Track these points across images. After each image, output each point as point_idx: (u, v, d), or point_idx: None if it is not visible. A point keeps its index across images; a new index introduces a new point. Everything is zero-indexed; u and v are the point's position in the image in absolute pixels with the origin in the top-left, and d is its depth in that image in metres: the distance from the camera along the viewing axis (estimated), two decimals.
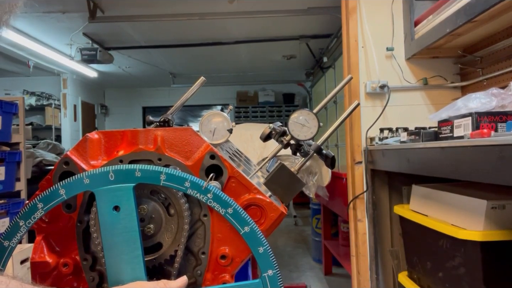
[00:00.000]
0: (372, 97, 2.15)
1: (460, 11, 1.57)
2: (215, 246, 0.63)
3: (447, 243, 1.27)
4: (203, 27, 4.52)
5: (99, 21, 3.92)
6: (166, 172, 0.57)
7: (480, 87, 1.94)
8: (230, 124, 0.79)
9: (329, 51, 4.66)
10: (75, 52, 5.16)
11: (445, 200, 1.32)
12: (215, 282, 0.63)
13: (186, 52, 5.52)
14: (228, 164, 0.64)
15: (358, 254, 2.10)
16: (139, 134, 0.65)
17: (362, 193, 2.09)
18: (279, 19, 4.27)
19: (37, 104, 6.45)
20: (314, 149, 0.76)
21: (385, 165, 1.80)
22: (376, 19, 2.15)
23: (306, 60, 5.98)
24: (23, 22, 4.26)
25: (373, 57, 2.13)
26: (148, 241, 0.63)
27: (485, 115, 1.23)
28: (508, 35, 1.71)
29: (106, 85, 8.04)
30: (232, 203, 0.59)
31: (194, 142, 0.65)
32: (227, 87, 8.03)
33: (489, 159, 0.90)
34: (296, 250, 4.35)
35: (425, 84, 2.14)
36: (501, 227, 1.11)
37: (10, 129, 2.84)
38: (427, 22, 1.92)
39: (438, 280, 1.36)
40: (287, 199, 0.71)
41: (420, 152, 1.34)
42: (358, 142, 2.11)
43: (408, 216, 1.54)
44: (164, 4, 3.82)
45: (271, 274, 0.58)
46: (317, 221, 3.75)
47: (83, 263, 0.65)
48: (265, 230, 0.63)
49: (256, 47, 5.34)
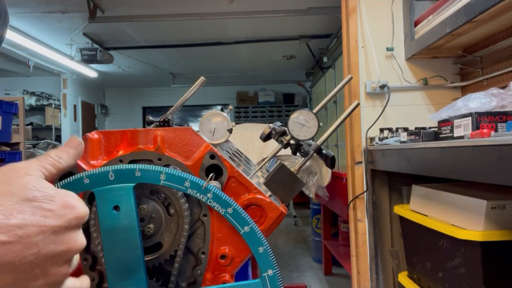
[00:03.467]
0: (372, 97, 2.15)
1: (460, 11, 1.57)
2: (215, 246, 0.63)
3: (447, 243, 1.27)
4: (203, 27, 4.52)
5: (99, 21, 3.93)
6: (166, 172, 0.57)
7: (480, 87, 1.94)
8: (230, 124, 0.79)
9: (329, 51, 4.67)
10: (75, 52, 5.17)
11: (445, 200, 1.32)
12: (215, 282, 0.63)
13: (186, 52, 5.52)
14: (228, 164, 0.64)
15: (358, 254, 2.10)
16: (139, 134, 0.65)
17: (362, 193, 2.09)
18: (279, 19, 4.27)
19: (37, 104, 6.46)
20: (314, 149, 0.76)
21: (385, 165, 1.80)
22: (376, 19, 2.15)
23: (306, 60, 5.98)
24: (23, 22, 4.26)
25: (373, 57, 2.13)
26: (148, 241, 0.63)
27: (485, 115, 1.23)
28: (508, 35, 1.71)
29: (106, 85, 8.05)
30: (232, 203, 0.59)
31: (194, 142, 0.65)
32: (227, 87, 8.04)
33: (489, 159, 0.90)
34: (296, 250, 4.35)
35: (425, 84, 2.15)
36: (501, 227, 1.11)
37: (10, 129, 2.84)
38: (427, 22, 1.92)
39: (438, 280, 1.36)
40: (287, 199, 0.71)
41: (420, 152, 1.34)
42: (358, 142, 2.11)
43: (408, 216, 1.54)
44: (164, 4, 3.82)
45: (271, 274, 0.58)
46: (317, 221, 3.75)
47: (83, 263, 0.65)
48: (265, 230, 0.63)
49: (256, 47, 5.34)
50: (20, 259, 0.33)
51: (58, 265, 0.36)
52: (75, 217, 0.37)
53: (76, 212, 0.37)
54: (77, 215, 0.37)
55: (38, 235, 0.34)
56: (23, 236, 0.33)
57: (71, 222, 0.36)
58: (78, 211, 0.37)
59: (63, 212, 0.36)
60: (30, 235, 0.34)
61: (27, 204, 0.35)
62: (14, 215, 0.34)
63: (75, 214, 0.37)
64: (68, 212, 0.36)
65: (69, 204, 0.37)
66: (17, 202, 0.34)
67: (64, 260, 0.36)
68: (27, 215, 0.34)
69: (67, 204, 0.37)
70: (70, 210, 0.37)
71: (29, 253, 0.34)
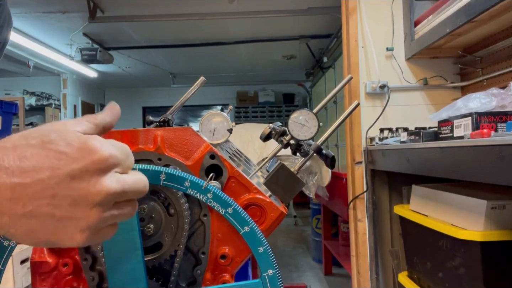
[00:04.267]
0: (372, 97, 2.15)
1: (460, 11, 1.57)
2: (215, 246, 0.63)
3: (447, 243, 1.27)
4: (203, 27, 4.52)
5: (99, 21, 3.92)
6: (166, 172, 0.57)
7: (480, 87, 1.94)
8: (230, 124, 0.79)
9: (329, 51, 4.66)
10: (75, 52, 5.16)
11: (445, 200, 1.32)
12: (215, 282, 0.63)
13: (186, 52, 5.52)
14: (228, 164, 0.64)
15: (358, 254, 2.10)
16: (139, 134, 0.65)
17: (362, 193, 2.09)
18: (279, 19, 4.27)
19: (37, 104, 6.45)
20: (314, 149, 0.76)
21: (385, 165, 1.80)
22: (376, 19, 2.15)
23: (306, 60, 5.98)
24: (23, 22, 4.26)
25: (373, 57, 2.13)
26: (148, 241, 0.63)
27: (485, 115, 1.23)
28: (508, 35, 1.71)
29: (106, 85, 8.04)
30: (232, 203, 0.59)
31: (194, 142, 0.65)
32: (227, 87, 8.03)
33: (489, 159, 0.90)
34: (296, 250, 4.35)
35: (425, 84, 2.15)
36: (501, 227, 1.11)
37: (10, 129, 2.84)
38: (427, 22, 1.92)
39: (438, 280, 1.36)
40: (287, 199, 0.71)
41: (420, 152, 1.34)
42: (358, 142, 2.11)
43: (408, 216, 1.54)
44: (164, 4, 3.82)
45: (271, 274, 0.58)
46: (317, 221, 3.75)
47: (83, 263, 0.65)
48: (265, 230, 0.63)
49: (256, 47, 5.34)
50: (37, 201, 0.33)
51: (84, 209, 0.35)
52: (93, 160, 0.35)
53: (96, 156, 0.35)
54: (96, 158, 0.35)
55: (51, 178, 0.34)
56: (36, 178, 0.33)
57: (89, 166, 0.35)
58: (98, 154, 0.35)
59: (79, 155, 0.35)
60: (43, 178, 0.34)
61: (43, 147, 0.35)
62: (28, 158, 0.34)
63: (93, 158, 0.35)
64: (84, 155, 0.35)
65: (88, 147, 0.35)
66: (33, 146, 0.34)
67: (89, 204, 0.35)
68: (40, 157, 0.34)
69: (85, 148, 0.35)
70: (88, 154, 0.35)
71: (45, 195, 0.34)
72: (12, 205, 0.33)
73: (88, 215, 0.35)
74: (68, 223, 0.35)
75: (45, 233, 0.34)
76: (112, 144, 0.38)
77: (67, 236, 0.35)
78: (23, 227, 0.34)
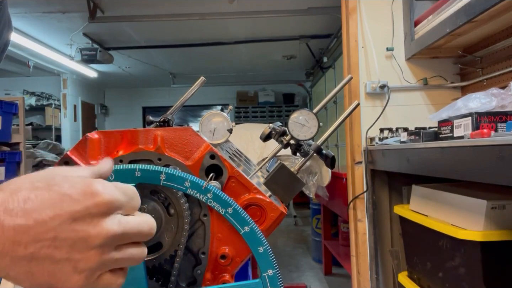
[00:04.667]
0: (372, 97, 2.15)
1: (460, 11, 1.57)
2: (215, 246, 0.63)
3: (447, 243, 1.27)
4: (203, 27, 4.52)
5: (99, 21, 3.93)
6: (166, 172, 0.57)
7: (480, 87, 1.94)
8: (230, 124, 0.79)
9: (329, 51, 4.66)
10: (75, 52, 5.17)
11: (445, 200, 1.32)
12: (215, 282, 0.63)
13: (186, 52, 5.52)
14: (228, 164, 0.64)
15: (358, 254, 2.10)
16: (139, 134, 0.65)
17: (362, 193, 2.09)
18: (279, 19, 4.27)
19: (37, 104, 6.46)
20: (314, 149, 0.76)
21: (385, 165, 1.80)
22: (376, 19, 2.15)
23: (306, 60, 5.98)
24: (23, 22, 4.26)
25: (373, 57, 2.13)
26: (148, 241, 0.63)
27: (485, 115, 1.23)
28: (508, 35, 1.71)
29: (106, 85, 8.05)
30: (232, 203, 0.59)
31: (194, 142, 0.65)
32: (227, 87, 8.04)
33: (489, 159, 0.90)
34: (296, 250, 4.35)
35: (425, 84, 2.15)
36: (501, 227, 1.11)
37: (10, 129, 2.84)
38: (427, 22, 1.92)
39: (438, 280, 1.36)
40: (287, 199, 0.71)
41: (420, 152, 1.34)
42: (358, 142, 2.11)
43: (408, 216, 1.54)
44: (164, 4, 3.82)
45: (271, 274, 0.58)
46: (317, 221, 3.75)
47: None
48: (265, 230, 0.63)
49: (256, 47, 5.34)
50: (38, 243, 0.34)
51: (83, 251, 0.35)
52: (95, 203, 0.36)
53: (98, 199, 0.36)
54: (98, 201, 0.36)
55: (53, 219, 0.34)
56: (39, 220, 0.34)
57: (91, 209, 0.35)
58: (100, 197, 0.36)
59: (82, 197, 0.35)
60: (45, 219, 0.34)
61: (48, 188, 0.35)
62: (32, 199, 0.34)
63: (95, 201, 0.36)
64: (87, 198, 0.36)
65: (91, 190, 0.36)
66: (38, 188, 0.35)
67: (88, 246, 0.35)
68: (44, 198, 0.34)
69: (88, 191, 0.36)
70: (91, 196, 0.36)
71: (46, 237, 0.34)
72: (15, 247, 0.33)
73: (86, 257, 0.35)
74: (66, 265, 0.35)
75: (43, 275, 0.34)
76: (116, 186, 0.39)
77: (65, 278, 0.35)
78: (23, 269, 0.34)
